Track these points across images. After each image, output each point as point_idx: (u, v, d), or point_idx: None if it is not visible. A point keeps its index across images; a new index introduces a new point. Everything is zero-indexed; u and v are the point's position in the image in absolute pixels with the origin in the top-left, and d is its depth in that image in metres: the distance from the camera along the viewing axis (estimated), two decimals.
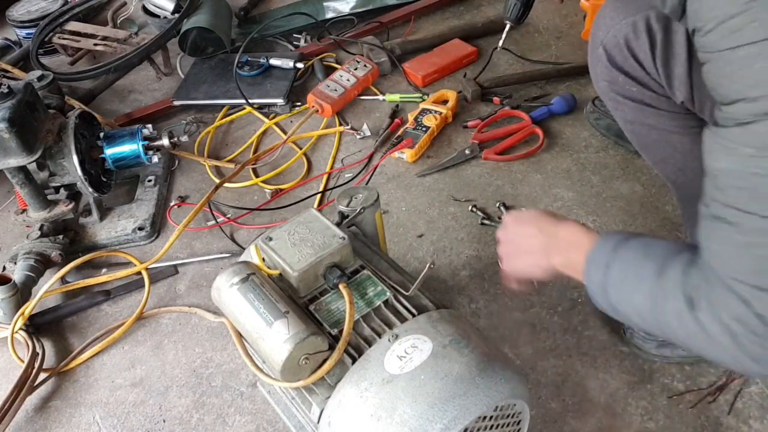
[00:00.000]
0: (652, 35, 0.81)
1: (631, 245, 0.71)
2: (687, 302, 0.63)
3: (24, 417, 1.05)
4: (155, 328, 1.17)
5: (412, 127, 1.46)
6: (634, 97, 0.87)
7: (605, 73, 0.87)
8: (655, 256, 0.68)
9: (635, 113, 0.89)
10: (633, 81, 0.86)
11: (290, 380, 0.73)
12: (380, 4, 1.91)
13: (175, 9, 1.76)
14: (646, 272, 0.68)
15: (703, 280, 0.63)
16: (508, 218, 0.91)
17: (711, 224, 0.61)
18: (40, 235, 1.26)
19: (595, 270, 0.73)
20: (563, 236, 0.81)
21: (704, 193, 0.62)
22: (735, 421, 0.91)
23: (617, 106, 0.91)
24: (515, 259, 0.88)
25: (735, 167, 0.56)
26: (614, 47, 0.85)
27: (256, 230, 1.31)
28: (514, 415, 0.74)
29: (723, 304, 0.60)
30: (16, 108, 1.14)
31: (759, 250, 0.57)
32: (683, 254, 0.66)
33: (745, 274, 0.58)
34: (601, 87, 0.90)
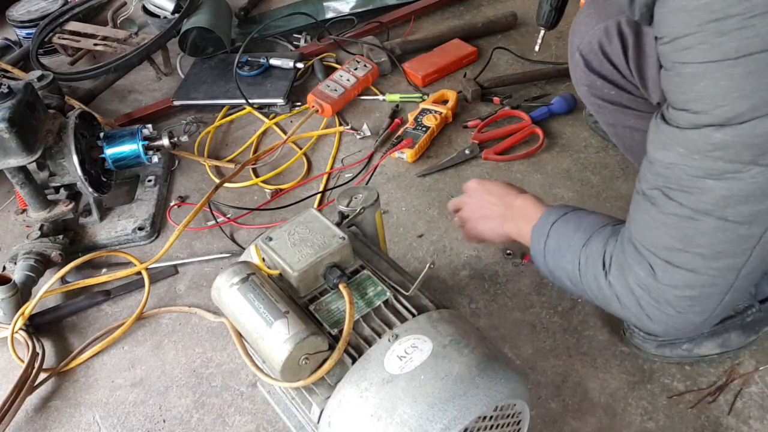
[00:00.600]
0: (624, 39, 0.84)
1: (568, 218, 0.82)
2: (603, 267, 0.74)
3: (24, 417, 1.05)
4: (155, 328, 1.17)
5: (412, 127, 1.46)
6: (613, 99, 0.90)
7: (584, 77, 0.91)
8: (584, 229, 0.78)
9: (616, 116, 0.92)
10: (610, 84, 0.89)
11: (290, 380, 0.73)
12: (380, 4, 1.91)
13: (175, 9, 1.76)
14: (575, 242, 0.78)
15: (619, 249, 0.72)
16: (472, 184, 1.01)
17: (640, 198, 0.69)
18: (40, 235, 1.26)
19: (536, 240, 0.84)
20: (518, 207, 0.91)
21: (640, 171, 0.69)
22: (735, 421, 0.91)
23: (598, 109, 0.94)
24: (476, 223, 0.99)
25: (668, 160, 0.64)
26: (590, 52, 0.88)
27: (256, 230, 1.31)
28: (514, 415, 0.74)
29: (631, 270, 0.70)
30: (16, 108, 1.14)
31: (673, 231, 0.65)
32: (606, 227, 0.77)
33: (658, 248, 0.67)
34: (582, 91, 0.94)
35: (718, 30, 0.54)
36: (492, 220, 0.96)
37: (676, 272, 0.67)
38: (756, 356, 0.98)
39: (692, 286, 0.67)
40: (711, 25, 0.55)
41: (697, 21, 0.55)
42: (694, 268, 0.66)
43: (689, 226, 0.64)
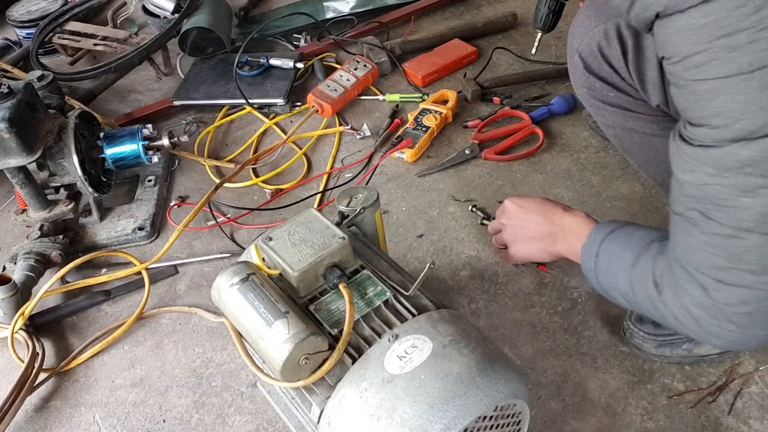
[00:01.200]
0: (623, 41, 0.84)
1: (616, 236, 0.81)
2: (655, 288, 0.72)
3: (24, 417, 1.05)
4: (155, 328, 1.17)
5: (412, 127, 1.46)
6: (612, 102, 0.90)
7: (583, 79, 0.91)
8: (632, 247, 0.77)
9: (615, 118, 0.92)
10: (610, 86, 0.88)
11: (290, 380, 0.73)
12: (380, 4, 1.91)
13: (175, 9, 1.76)
14: (625, 262, 0.77)
15: (668, 270, 0.71)
16: (511, 204, 1.00)
17: (678, 220, 0.68)
18: (40, 235, 1.26)
19: (587, 260, 0.84)
20: (567, 224, 0.90)
21: (672, 191, 0.68)
22: (735, 421, 0.91)
23: (598, 111, 0.94)
24: (524, 244, 0.98)
25: (698, 182, 0.62)
26: (589, 54, 0.88)
27: (256, 230, 1.31)
28: (514, 415, 0.74)
29: (684, 292, 0.68)
30: (16, 108, 1.14)
31: (717, 250, 0.64)
32: (653, 244, 0.75)
33: (706, 267, 0.66)
34: (581, 93, 0.93)
35: (729, 45, 0.54)
36: (540, 240, 0.95)
37: (729, 290, 0.65)
38: (756, 356, 0.98)
39: (747, 302, 0.65)
40: (721, 41, 0.54)
41: (706, 38, 0.55)
42: (746, 284, 0.64)
43: (733, 244, 0.62)
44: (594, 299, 1.09)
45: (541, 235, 0.95)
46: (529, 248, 0.98)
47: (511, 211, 0.99)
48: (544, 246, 0.95)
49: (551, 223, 0.93)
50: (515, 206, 0.99)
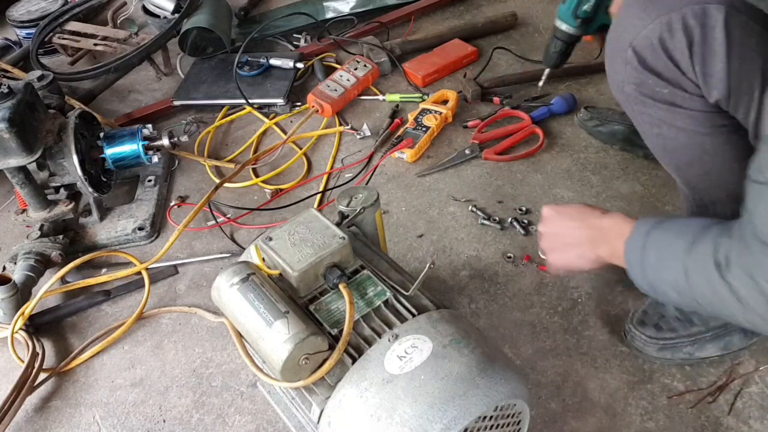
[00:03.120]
0: (689, 33, 0.78)
1: (665, 226, 0.77)
2: (717, 268, 0.68)
3: (24, 417, 1.05)
4: (155, 328, 1.17)
5: (412, 127, 1.46)
6: (664, 99, 0.85)
7: (634, 75, 0.85)
8: (685, 234, 0.73)
9: (665, 115, 0.87)
10: (665, 82, 0.83)
11: (290, 380, 0.73)
12: (380, 4, 1.91)
13: (175, 9, 1.76)
14: (678, 249, 0.72)
15: (740, 247, 0.66)
16: (549, 212, 0.95)
17: (762, 190, 0.64)
18: (40, 235, 1.26)
19: (632, 253, 0.79)
20: (607, 227, 0.85)
21: (758, 158, 0.64)
22: (735, 421, 0.91)
23: (644, 109, 0.88)
24: (561, 252, 0.93)
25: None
26: (646, 48, 0.82)
27: (256, 230, 1.31)
28: (514, 415, 0.74)
29: (762, 267, 0.63)
30: (16, 108, 1.14)
31: None
32: (713, 228, 0.71)
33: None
34: (627, 91, 0.88)
35: None
36: (579, 246, 0.90)
37: None
38: (756, 356, 0.98)
39: None
40: None
41: None
42: None
43: None
44: (594, 299, 1.09)
45: (579, 241, 0.89)
46: (568, 256, 0.92)
47: (548, 219, 0.94)
48: (582, 252, 0.89)
49: (589, 227, 0.88)
50: (552, 213, 0.94)
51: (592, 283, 1.11)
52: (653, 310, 1.00)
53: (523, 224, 1.22)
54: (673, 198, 1.23)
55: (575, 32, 1.20)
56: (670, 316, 0.98)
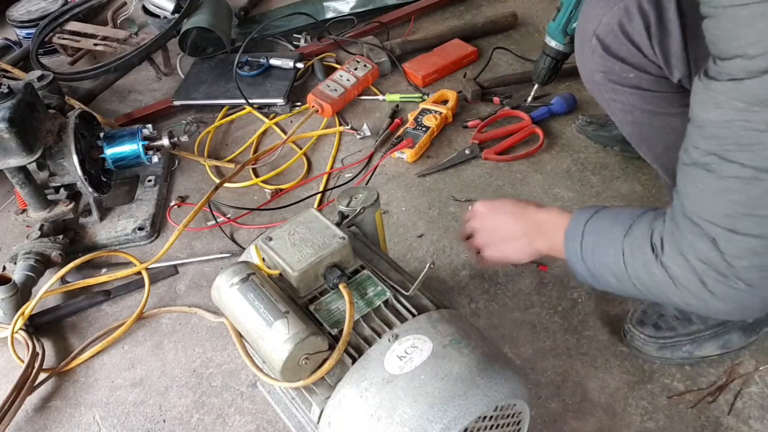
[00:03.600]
0: (645, 16, 0.82)
1: (601, 215, 0.79)
2: (652, 251, 0.70)
3: (24, 417, 1.05)
4: (155, 328, 1.17)
5: (412, 127, 1.46)
6: (632, 83, 0.88)
7: (600, 63, 0.88)
8: (622, 220, 0.75)
9: (635, 100, 0.89)
10: (630, 66, 0.86)
11: (290, 380, 0.73)
12: (380, 4, 1.91)
13: (175, 9, 1.76)
14: (615, 235, 0.74)
15: (672, 226, 0.68)
16: (481, 207, 0.96)
17: (690, 170, 0.65)
18: (40, 235, 1.26)
19: (571, 242, 0.81)
20: (545, 220, 0.88)
21: (686, 140, 0.66)
22: (735, 421, 0.91)
23: (615, 96, 0.91)
24: (497, 246, 0.95)
25: (723, 118, 0.60)
26: (608, 34, 0.85)
27: (256, 230, 1.31)
28: (514, 415, 0.74)
29: (691, 245, 0.65)
30: (16, 108, 1.14)
31: (735, 195, 0.61)
32: (648, 213, 0.73)
33: (719, 216, 0.63)
34: (597, 79, 0.90)
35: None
36: (517, 240, 0.92)
37: (742, 240, 0.62)
38: (756, 356, 0.98)
39: (760, 253, 0.62)
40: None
41: None
42: (761, 233, 0.61)
43: (754, 187, 0.60)
44: (594, 299, 1.09)
45: (516, 235, 0.92)
46: (504, 249, 0.94)
47: (482, 215, 0.96)
48: (520, 246, 0.91)
49: (525, 221, 0.90)
50: (485, 209, 0.95)
51: None
52: (652, 310, 1.00)
53: None
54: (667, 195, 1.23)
55: (564, 49, 1.24)
56: (669, 315, 0.98)
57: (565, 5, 1.18)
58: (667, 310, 0.99)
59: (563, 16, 1.19)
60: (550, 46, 1.25)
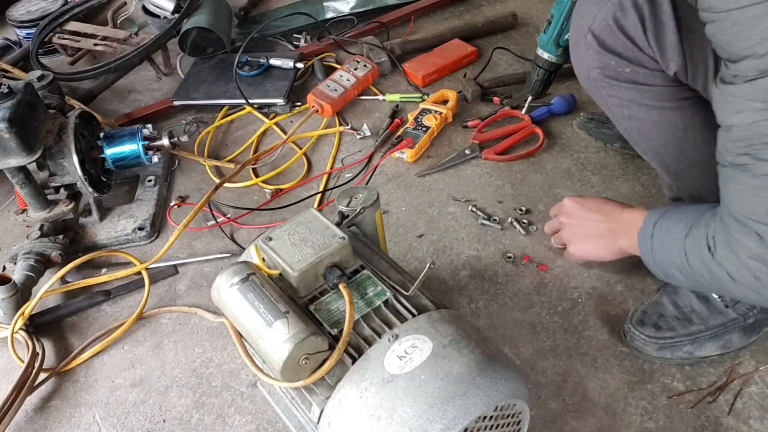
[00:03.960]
0: (639, 10, 0.82)
1: (669, 215, 0.82)
2: (708, 251, 0.73)
3: (24, 417, 1.05)
4: (155, 328, 1.17)
5: (412, 127, 1.46)
6: (627, 78, 0.88)
7: (596, 59, 0.89)
8: (684, 220, 0.78)
9: (632, 95, 0.90)
10: (625, 61, 0.87)
11: (290, 380, 0.73)
12: (380, 4, 1.91)
13: (175, 9, 1.76)
14: (677, 235, 0.78)
15: (721, 226, 0.71)
16: (570, 203, 1.00)
17: (727, 171, 0.69)
18: (40, 235, 1.26)
19: (643, 243, 0.85)
20: (627, 220, 0.91)
21: (718, 143, 0.69)
22: (735, 421, 0.91)
23: (612, 92, 0.91)
24: (583, 242, 0.98)
25: (747, 121, 0.62)
26: (604, 29, 0.86)
27: (256, 230, 1.31)
28: (514, 415, 0.74)
29: (739, 243, 0.68)
30: (16, 108, 1.14)
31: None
32: (705, 213, 0.76)
33: (761, 214, 0.66)
34: (593, 76, 0.91)
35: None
36: (601, 237, 0.95)
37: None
38: (756, 356, 0.98)
39: None
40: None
41: None
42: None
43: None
44: (594, 299, 1.09)
45: (601, 233, 0.95)
46: (589, 246, 0.97)
47: (570, 210, 0.99)
48: (604, 244, 0.95)
49: (611, 220, 0.93)
50: (574, 204, 0.99)
51: (592, 283, 1.11)
52: (652, 310, 1.00)
53: (523, 224, 1.22)
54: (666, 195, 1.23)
55: (557, 60, 1.24)
56: (669, 316, 0.98)
57: (556, 17, 1.18)
58: (667, 310, 0.99)
59: (554, 29, 1.19)
60: (543, 58, 1.25)
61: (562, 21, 1.16)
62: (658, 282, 1.06)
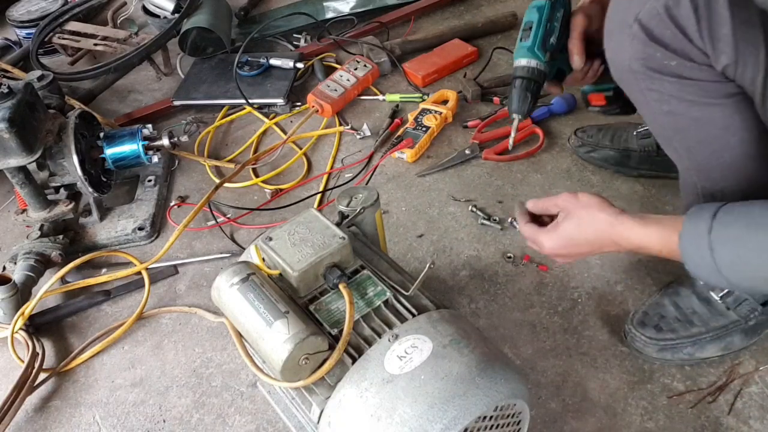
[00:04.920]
0: None
1: (725, 221, 0.72)
2: None
3: (24, 417, 1.05)
4: (155, 328, 1.17)
5: (412, 127, 1.46)
6: (672, 71, 0.84)
7: (640, 50, 0.84)
8: (763, 224, 0.69)
9: (674, 89, 0.85)
10: (672, 53, 0.82)
11: (290, 380, 0.73)
12: (380, 4, 1.91)
13: (175, 9, 1.76)
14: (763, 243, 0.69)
15: None
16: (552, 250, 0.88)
17: None
18: (40, 235, 1.26)
19: (699, 259, 0.74)
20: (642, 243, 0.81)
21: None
22: (735, 421, 0.91)
23: (652, 86, 0.87)
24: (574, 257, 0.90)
25: None
26: (653, 18, 0.81)
27: (256, 230, 1.31)
28: (514, 415, 0.74)
29: None
30: (16, 108, 1.14)
31: None
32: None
33: None
34: (634, 68, 0.86)
35: None
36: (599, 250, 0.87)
37: None
38: (756, 356, 0.98)
39: None
40: None
41: None
42: None
43: None
44: (594, 299, 1.09)
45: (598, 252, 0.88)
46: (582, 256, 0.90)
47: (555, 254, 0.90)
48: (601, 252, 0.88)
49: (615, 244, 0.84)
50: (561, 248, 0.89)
51: (592, 283, 1.11)
52: (653, 311, 1.00)
53: None
54: (673, 198, 1.23)
55: (545, 68, 1.04)
56: (670, 317, 0.98)
57: (537, 21, 1.03)
58: (668, 311, 0.99)
59: (538, 32, 1.03)
60: (529, 67, 1.02)
61: (545, 24, 1.03)
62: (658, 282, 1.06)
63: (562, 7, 1.00)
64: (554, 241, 0.88)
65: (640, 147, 1.26)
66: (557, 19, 1.00)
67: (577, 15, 1.00)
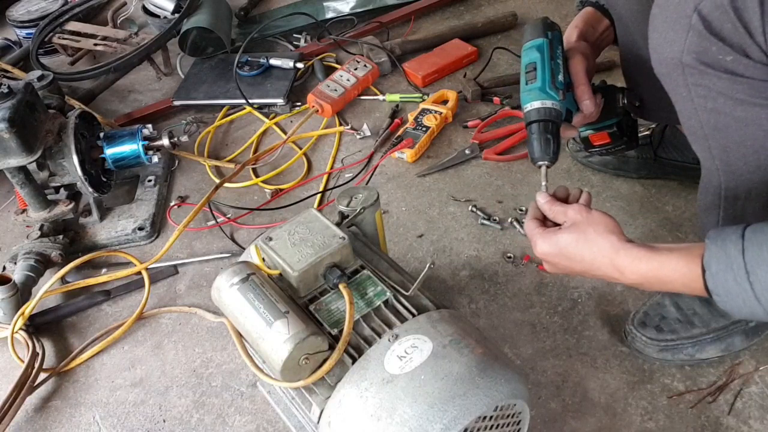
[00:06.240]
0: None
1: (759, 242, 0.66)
2: None
3: (24, 417, 1.05)
4: (155, 328, 1.17)
5: (412, 127, 1.46)
6: (725, 67, 0.79)
7: (696, 43, 0.79)
8: None
9: (724, 86, 0.81)
10: (729, 48, 0.78)
11: (290, 380, 0.73)
12: (380, 4, 1.91)
13: (175, 9, 1.76)
14: None
15: None
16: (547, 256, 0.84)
17: None
18: (40, 235, 1.26)
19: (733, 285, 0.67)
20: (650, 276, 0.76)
21: None
22: (735, 421, 0.91)
23: (702, 81, 0.82)
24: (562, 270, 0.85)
25: None
26: (715, 9, 0.76)
27: (256, 230, 1.31)
28: (514, 415, 0.74)
29: None
30: (16, 108, 1.14)
31: None
32: None
33: None
34: (686, 61, 0.81)
35: None
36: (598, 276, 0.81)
37: None
38: (756, 356, 0.98)
39: None
40: None
41: None
42: None
43: None
44: (594, 299, 1.09)
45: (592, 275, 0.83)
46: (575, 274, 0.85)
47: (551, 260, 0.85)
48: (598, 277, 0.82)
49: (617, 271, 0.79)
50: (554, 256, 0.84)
51: (592, 283, 1.11)
52: (654, 312, 1.00)
53: (523, 224, 1.22)
54: (673, 198, 1.23)
55: (561, 107, 0.99)
56: (671, 318, 0.98)
57: (539, 63, 0.99)
58: (669, 312, 0.99)
59: (544, 72, 0.99)
60: (544, 108, 0.98)
61: (548, 63, 0.99)
62: None
63: (559, 43, 0.97)
64: (548, 246, 0.84)
65: (638, 153, 1.26)
66: (559, 56, 0.96)
67: (575, 56, 0.97)
